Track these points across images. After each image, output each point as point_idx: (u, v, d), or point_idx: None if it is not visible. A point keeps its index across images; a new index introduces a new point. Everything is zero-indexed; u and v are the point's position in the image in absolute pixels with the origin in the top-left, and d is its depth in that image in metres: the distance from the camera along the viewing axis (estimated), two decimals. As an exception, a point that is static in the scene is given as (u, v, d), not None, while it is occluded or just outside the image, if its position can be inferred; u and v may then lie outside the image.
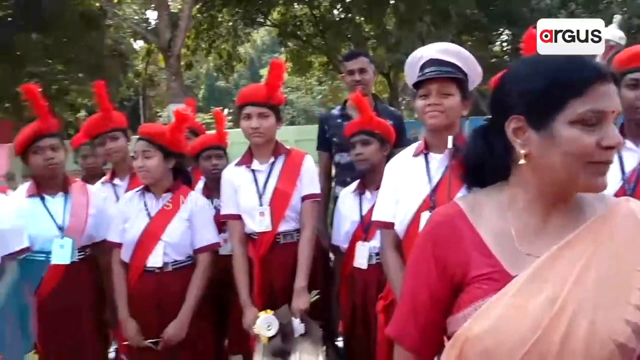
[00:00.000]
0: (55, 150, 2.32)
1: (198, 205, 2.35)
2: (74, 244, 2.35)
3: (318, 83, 24.18)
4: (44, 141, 2.30)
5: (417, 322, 0.99)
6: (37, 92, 2.37)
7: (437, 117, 1.77)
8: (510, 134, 0.92)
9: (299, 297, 2.19)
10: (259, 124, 2.28)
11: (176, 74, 9.16)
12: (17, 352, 2.15)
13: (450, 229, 0.96)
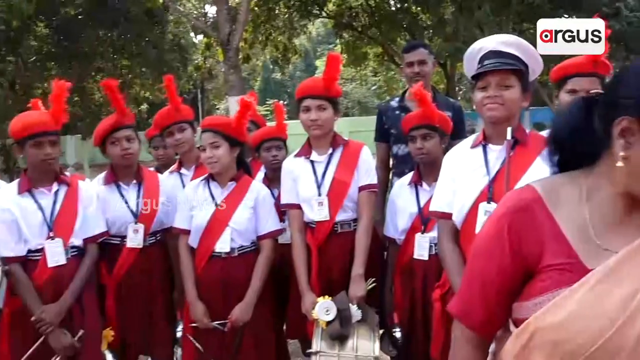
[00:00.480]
0: (130, 141, 2.48)
1: (261, 194, 2.46)
2: (146, 229, 2.52)
3: (373, 74, 24.01)
4: (120, 132, 2.46)
5: (483, 301, 0.99)
6: (115, 87, 2.53)
7: (496, 109, 1.78)
8: (616, 133, 0.87)
9: (356, 284, 2.25)
10: (317, 116, 2.35)
11: (234, 67, 9.39)
12: (95, 328, 2.33)
13: (527, 213, 0.94)
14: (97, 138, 2.51)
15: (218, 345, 2.33)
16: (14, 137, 2.26)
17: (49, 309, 2.15)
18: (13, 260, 2.17)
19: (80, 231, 2.31)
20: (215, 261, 2.35)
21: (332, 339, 2.15)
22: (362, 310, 2.21)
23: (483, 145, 1.89)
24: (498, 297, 0.97)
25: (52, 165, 2.28)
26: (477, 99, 1.82)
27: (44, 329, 2.14)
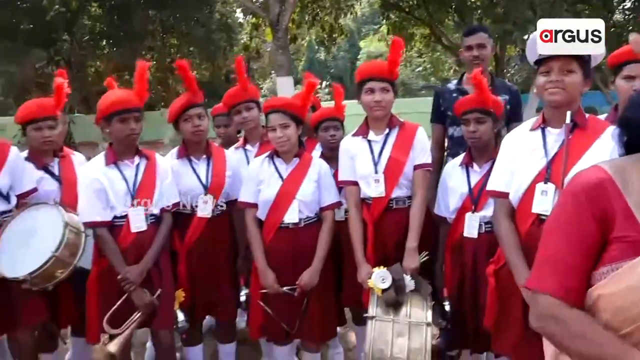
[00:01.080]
0: (201, 119, 2.67)
1: (323, 168, 2.62)
2: (214, 200, 2.71)
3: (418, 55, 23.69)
4: (192, 110, 2.65)
5: (569, 270, 1.05)
6: (188, 67, 2.72)
7: (558, 93, 1.86)
8: None
9: (410, 256, 2.39)
10: (381, 97, 2.47)
11: (283, 48, 9.52)
12: (170, 289, 2.55)
13: (601, 189, 1.03)
14: (171, 115, 2.70)
15: (286, 309, 2.51)
16: (101, 113, 2.47)
17: (132, 269, 2.37)
18: (101, 224, 2.41)
19: (158, 201, 2.52)
20: (283, 232, 2.52)
21: (387, 306, 2.29)
22: (416, 281, 2.35)
23: (542, 129, 1.98)
24: (583, 261, 1.04)
25: (136, 139, 2.49)
26: (539, 83, 1.91)
27: (127, 287, 2.37)
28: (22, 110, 2.69)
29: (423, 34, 16.60)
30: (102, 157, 2.50)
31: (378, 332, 2.22)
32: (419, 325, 2.22)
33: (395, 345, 2.16)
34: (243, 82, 2.90)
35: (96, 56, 18.69)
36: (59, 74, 2.85)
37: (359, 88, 2.55)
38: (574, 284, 1.05)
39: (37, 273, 2.23)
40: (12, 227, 2.34)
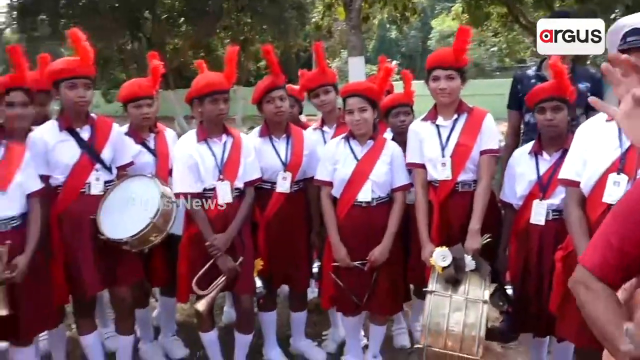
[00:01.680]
0: (282, 100, 2.85)
1: (396, 151, 2.74)
2: (292, 177, 2.90)
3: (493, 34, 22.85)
4: (274, 92, 2.83)
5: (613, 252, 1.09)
6: (272, 50, 2.89)
7: None
8: None
9: (472, 237, 2.49)
10: (446, 85, 2.57)
11: (355, 28, 9.54)
12: (250, 257, 2.78)
13: None
14: (255, 97, 2.89)
15: (356, 282, 2.68)
16: (195, 93, 2.71)
17: (219, 237, 2.61)
18: (193, 195, 2.65)
19: (242, 176, 2.74)
20: (356, 209, 2.68)
21: (446, 283, 2.40)
22: (476, 261, 2.43)
23: None
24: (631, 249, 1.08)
25: (224, 119, 2.71)
26: None
27: (214, 253, 2.61)
28: (124, 90, 2.97)
29: (500, 12, 16.00)
30: (194, 134, 2.74)
31: (435, 306, 2.34)
32: (476, 302, 2.31)
33: (452, 318, 2.27)
34: (322, 66, 3.05)
35: (174, 34, 19.41)
36: (151, 57, 3.12)
37: (427, 74, 2.65)
38: (613, 264, 1.10)
39: (136, 237, 2.50)
40: (114, 195, 2.62)
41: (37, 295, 2.40)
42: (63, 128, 2.59)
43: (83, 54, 2.57)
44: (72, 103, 2.56)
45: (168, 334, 3.25)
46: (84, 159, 2.59)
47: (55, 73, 2.57)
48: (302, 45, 23.41)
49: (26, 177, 2.39)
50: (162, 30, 17.85)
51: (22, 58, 2.57)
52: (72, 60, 2.60)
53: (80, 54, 2.57)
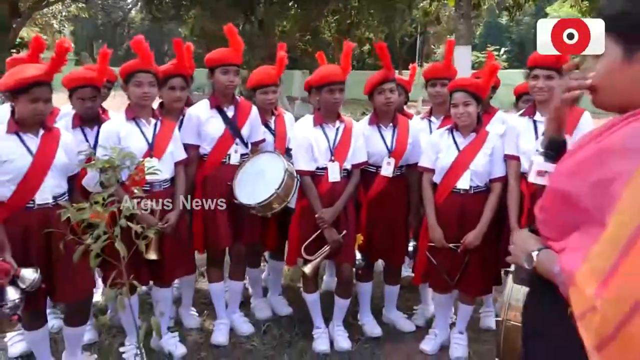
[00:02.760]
0: (392, 92, 3.12)
1: (498, 144, 2.93)
2: (395, 163, 3.18)
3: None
4: (386, 85, 3.10)
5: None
6: (385, 48, 3.16)
7: None
8: None
9: None
10: (544, 84, 2.72)
11: (465, 17, 9.48)
12: (353, 232, 3.10)
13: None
14: (367, 88, 3.19)
15: (449, 263, 2.94)
16: (314, 83, 3.08)
17: (327, 211, 2.96)
18: (307, 173, 3.03)
19: (351, 158, 3.06)
20: (454, 196, 2.92)
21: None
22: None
23: None
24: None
25: (339, 107, 3.04)
26: None
27: (322, 224, 2.97)
28: (253, 77, 3.39)
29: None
30: (310, 119, 3.11)
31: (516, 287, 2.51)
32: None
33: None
34: (448, 61, 3.36)
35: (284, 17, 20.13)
36: (279, 47, 3.51)
37: (529, 71, 2.81)
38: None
39: (263, 204, 2.92)
40: (248, 166, 3.06)
41: (179, 246, 2.90)
42: (213, 106, 3.08)
43: (235, 46, 3.04)
44: (223, 86, 3.04)
45: (275, 293, 3.69)
46: (227, 134, 3.06)
47: (212, 60, 3.08)
48: (408, 30, 23.30)
49: (175, 147, 2.89)
50: (273, 13, 18.60)
51: (182, 49, 3.09)
52: (226, 50, 3.09)
53: (233, 45, 3.05)
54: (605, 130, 1.08)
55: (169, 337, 3.04)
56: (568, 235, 1.14)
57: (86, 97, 2.91)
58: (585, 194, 1.05)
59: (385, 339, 3.28)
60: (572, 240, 1.12)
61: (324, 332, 3.17)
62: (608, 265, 0.86)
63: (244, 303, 3.56)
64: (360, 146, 3.11)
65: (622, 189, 0.91)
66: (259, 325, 3.36)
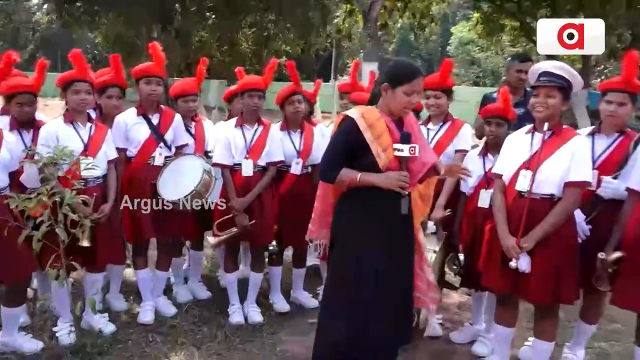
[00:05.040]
0: (300, 103, 3.69)
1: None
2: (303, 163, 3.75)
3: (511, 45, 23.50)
4: (295, 97, 3.67)
5: None
6: (294, 66, 3.74)
7: (542, 112, 2.69)
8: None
9: (437, 210, 3.31)
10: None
11: (372, 37, 10.36)
12: (269, 219, 3.62)
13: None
14: (278, 98, 3.74)
15: None
16: (237, 90, 3.61)
17: (239, 200, 3.46)
18: (225, 166, 3.52)
19: (265, 157, 3.57)
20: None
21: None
22: (437, 228, 3.33)
23: (532, 132, 2.81)
24: None
25: (258, 111, 3.57)
26: (530, 103, 2.75)
27: (234, 211, 3.47)
28: (175, 87, 3.84)
29: (513, 26, 16.73)
30: (234, 120, 3.63)
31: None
32: (427, 251, 2.95)
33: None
34: (354, 79, 4.03)
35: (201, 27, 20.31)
36: (202, 62, 3.98)
37: None
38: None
39: (183, 199, 3.37)
40: (170, 167, 3.49)
41: (110, 236, 3.28)
42: (139, 114, 3.51)
43: (157, 60, 3.49)
44: (146, 95, 3.48)
45: (195, 280, 4.13)
46: (151, 138, 3.49)
47: (136, 72, 3.51)
48: (324, 44, 24.26)
49: (108, 148, 3.29)
50: (190, 23, 18.74)
51: (119, 63, 3.51)
52: (149, 64, 3.54)
53: (155, 59, 3.49)
54: None
55: (99, 317, 3.40)
56: None
57: (25, 103, 3.22)
58: None
59: (293, 314, 3.83)
60: None
61: (239, 308, 3.68)
62: None
63: (166, 290, 3.96)
64: (276, 147, 3.63)
65: None
66: (181, 307, 3.79)
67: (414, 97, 2.54)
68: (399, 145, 2.52)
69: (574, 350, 3.19)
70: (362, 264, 2.57)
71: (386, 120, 2.57)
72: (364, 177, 2.55)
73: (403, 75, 2.52)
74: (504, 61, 28.09)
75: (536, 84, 2.75)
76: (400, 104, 2.54)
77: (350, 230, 2.66)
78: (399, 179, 2.50)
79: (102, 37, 21.68)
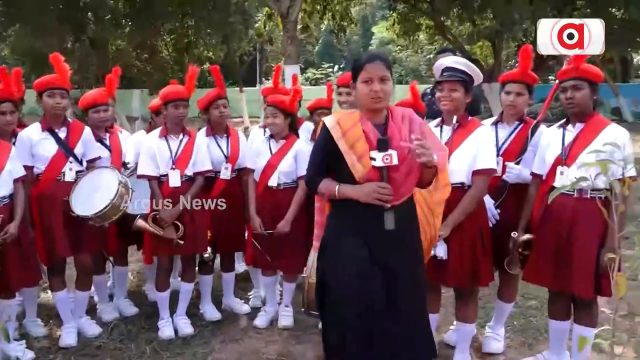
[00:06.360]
0: (225, 107, 3.68)
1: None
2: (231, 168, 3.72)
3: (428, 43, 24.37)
4: (220, 101, 3.66)
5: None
6: (219, 71, 3.70)
7: (447, 105, 2.83)
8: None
9: None
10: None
11: (292, 39, 10.42)
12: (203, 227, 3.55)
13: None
14: (203, 103, 3.69)
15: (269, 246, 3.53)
16: (161, 100, 3.51)
17: (166, 212, 3.37)
18: (152, 177, 3.44)
19: (192, 167, 3.50)
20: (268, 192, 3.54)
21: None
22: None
23: (441, 125, 2.95)
24: None
25: (183, 121, 3.51)
26: (436, 97, 2.88)
27: (162, 223, 3.38)
28: (83, 99, 3.70)
29: (428, 25, 17.39)
30: (158, 131, 3.53)
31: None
32: None
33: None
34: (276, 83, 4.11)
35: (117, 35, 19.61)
36: (114, 72, 3.85)
37: None
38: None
39: (99, 214, 3.24)
40: (83, 182, 3.34)
41: (21, 256, 3.10)
42: (44, 128, 3.33)
43: (60, 72, 3.32)
44: (50, 109, 3.30)
45: (121, 296, 3.99)
46: (59, 153, 3.32)
47: (38, 85, 3.34)
48: (247, 49, 24.11)
49: (13, 166, 3.09)
50: (105, 32, 18.06)
51: (7, 76, 3.28)
52: (52, 76, 3.36)
53: (58, 71, 3.33)
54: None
55: (16, 344, 3.21)
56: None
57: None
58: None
59: (224, 322, 3.78)
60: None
61: (168, 321, 3.57)
62: None
63: (89, 310, 3.79)
64: (203, 156, 3.56)
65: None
66: (106, 326, 3.65)
67: (375, 84, 2.25)
68: (374, 153, 2.23)
69: (495, 329, 3.35)
70: (338, 284, 2.35)
71: (365, 125, 2.32)
72: (341, 189, 2.31)
73: (356, 66, 2.34)
74: (424, 59, 29.21)
75: (440, 79, 2.88)
76: (363, 95, 2.30)
77: (332, 244, 2.40)
78: (375, 191, 2.23)
79: (10, 49, 20.44)
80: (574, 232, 2.70)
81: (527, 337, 3.46)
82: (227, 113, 3.71)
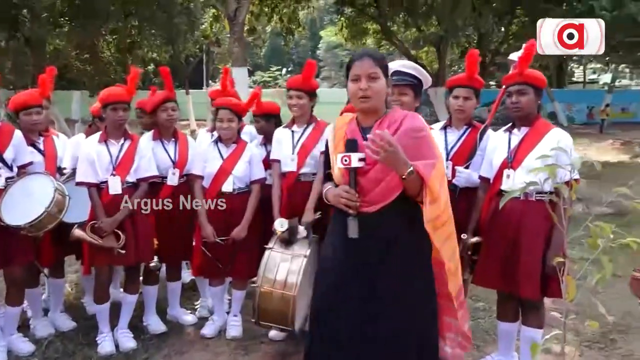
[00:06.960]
0: (173, 110, 3.54)
1: (255, 151, 3.46)
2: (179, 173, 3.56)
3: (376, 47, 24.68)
4: (168, 104, 3.52)
5: None
6: (169, 72, 3.54)
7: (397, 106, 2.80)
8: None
9: (307, 214, 3.24)
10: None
11: (239, 40, 10.25)
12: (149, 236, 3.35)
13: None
14: (150, 105, 3.54)
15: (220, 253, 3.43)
16: (101, 102, 3.28)
17: (106, 220, 3.18)
18: (91, 185, 3.24)
19: (135, 173, 3.32)
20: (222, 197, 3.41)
21: (281, 242, 3.13)
22: (307, 232, 3.17)
23: None
24: None
25: (123, 124, 3.31)
26: None
27: (101, 232, 3.19)
28: (14, 100, 3.45)
29: (376, 30, 17.61)
30: (97, 136, 3.32)
31: (272, 258, 3.07)
32: (298, 257, 3.05)
33: (281, 267, 3.03)
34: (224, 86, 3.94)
35: (55, 34, 18.78)
36: (48, 72, 3.62)
37: None
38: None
39: (33, 223, 3.02)
40: (14, 189, 3.10)
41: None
42: None
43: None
44: None
45: (57, 310, 3.74)
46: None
47: None
48: (193, 50, 23.65)
49: None
50: (41, 30, 17.24)
51: None
52: None
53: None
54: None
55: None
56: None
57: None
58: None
59: (169, 334, 3.61)
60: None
61: (108, 336, 3.36)
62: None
63: (21, 327, 3.54)
64: (147, 161, 3.38)
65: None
66: (40, 343, 3.40)
67: (362, 82, 2.15)
68: (340, 154, 2.15)
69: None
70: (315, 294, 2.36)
71: (351, 125, 2.27)
72: (326, 191, 2.28)
73: (347, 66, 2.27)
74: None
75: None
76: (351, 94, 2.22)
77: (324, 247, 2.41)
78: (340, 195, 2.13)
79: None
80: (520, 234, 2.74)
81: (475, 339, 3.49)
82: (175, 116, 3.57)
